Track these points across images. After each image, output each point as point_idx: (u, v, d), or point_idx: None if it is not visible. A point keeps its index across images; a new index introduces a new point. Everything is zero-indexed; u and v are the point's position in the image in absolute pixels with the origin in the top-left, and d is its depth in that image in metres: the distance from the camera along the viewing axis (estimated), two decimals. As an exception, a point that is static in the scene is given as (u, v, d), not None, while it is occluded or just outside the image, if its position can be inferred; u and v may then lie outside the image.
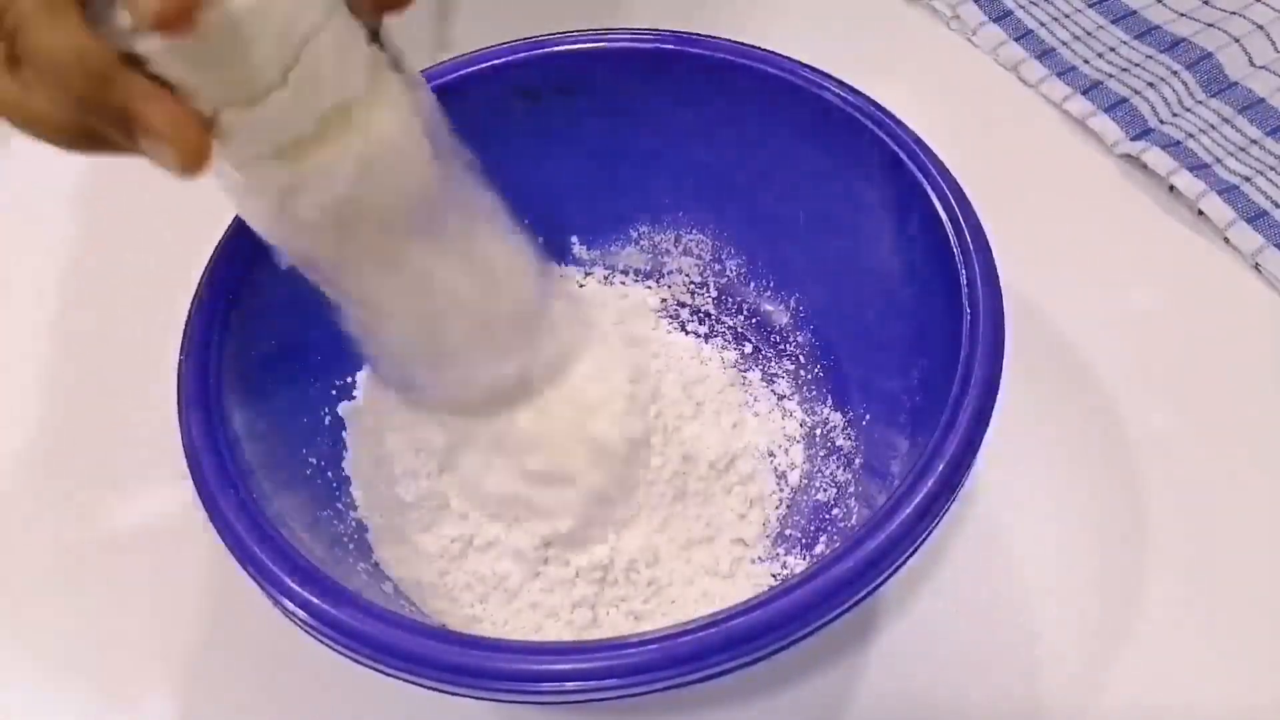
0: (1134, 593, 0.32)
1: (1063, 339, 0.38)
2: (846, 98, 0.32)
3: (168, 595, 0.34)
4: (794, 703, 0.31)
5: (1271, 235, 0.39)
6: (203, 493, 0.26)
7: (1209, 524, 0.34)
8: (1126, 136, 0.42)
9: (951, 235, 0.29)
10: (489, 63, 0.34)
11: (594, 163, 0.36)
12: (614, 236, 0.38)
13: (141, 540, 0.35)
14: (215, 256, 0.30)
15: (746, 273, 0.37)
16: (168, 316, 0.31)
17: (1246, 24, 0.45)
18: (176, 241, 0.36)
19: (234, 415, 0.28)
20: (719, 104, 0.34)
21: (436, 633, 0.24)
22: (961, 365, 0.26)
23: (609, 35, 0.34)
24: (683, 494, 0.32)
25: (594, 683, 0.23)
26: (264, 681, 0.32)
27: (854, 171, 0.32)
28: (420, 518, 0.31)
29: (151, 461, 0.35)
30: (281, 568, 0.24)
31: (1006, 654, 0.31)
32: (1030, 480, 0.35)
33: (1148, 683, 0.31)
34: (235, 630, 0.33)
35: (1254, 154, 0.41)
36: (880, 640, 0.32)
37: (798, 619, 0.23)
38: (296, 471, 0.31)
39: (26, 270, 0.43)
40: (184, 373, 0.28)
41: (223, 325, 0.29)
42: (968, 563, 0.33)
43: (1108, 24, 0.47)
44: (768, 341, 0.37)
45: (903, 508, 0.24)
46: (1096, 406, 0.36)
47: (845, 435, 0.34)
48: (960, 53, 0.47)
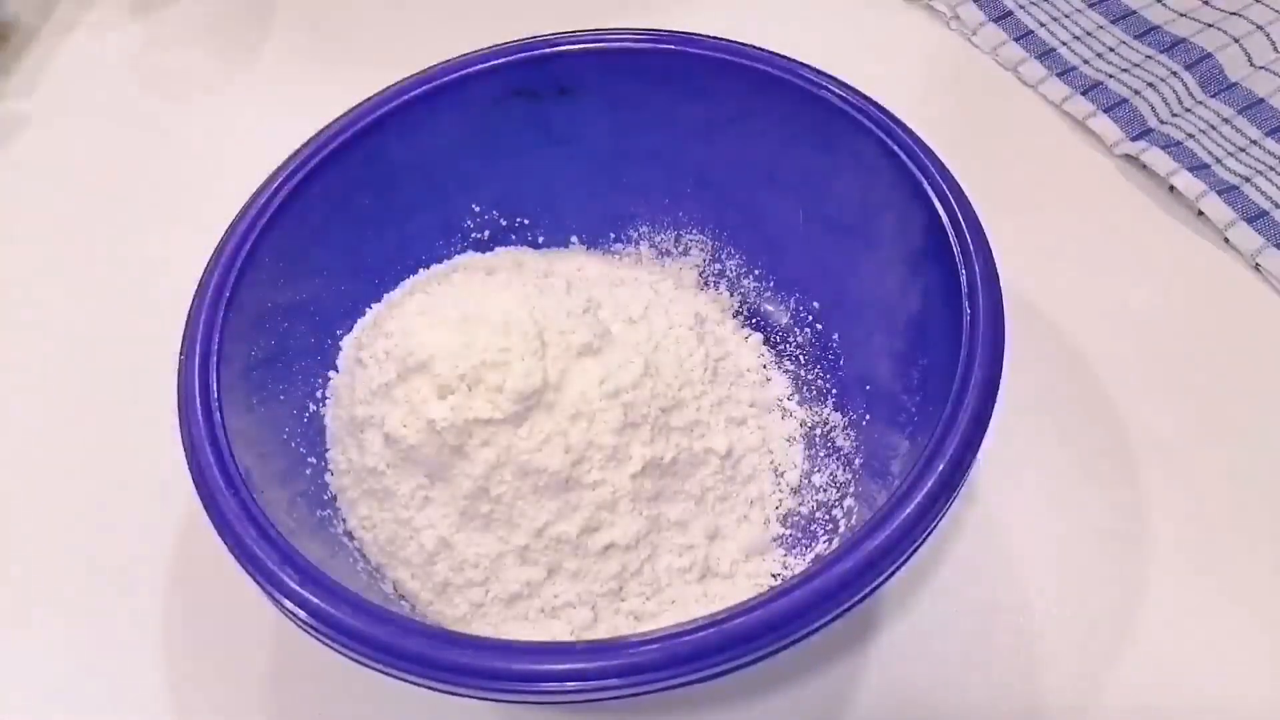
0: (1134, 593, 0.32)
1: (1063, 339, 0.38)
2: (846, 98, 0.32)
3: (167, 595, 0.34)
4: (794, 703, 0.31)
5: (1271, 235, 0.39)
6: (203, 493, 0.26)
7: (1209, 524, 0.34)
8: (1126, 136, 0.42)
9: (951, 235, 0.29)
10: (489, 63, 0.34)
11: (594, 163, 0.36)
12: (614, 236, 0.38)
13: (141, 540, 0.35)
14: (215, 256, 0.30)
15: (746, 273, 0.37)
16: (167, 316, 0.31)
17: (1246, 24, 0.45)
18: (176, 241, 0.36)
19: (233, 415, 0.28)
20: (718, 104, 0.34)
21: (437, 633, 0.24)
22: (961, 365, 0.26)
23: (609, 35, 0.34)
24: (682, 494, 0.32)
25: (594, 683, 0.23)
26: (264, 681, 0.32)
27: (854, 172, 0.32)
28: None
29: (151, 461, 0.35)
30: (281, 568, 0.24)
31: (1006, 654, 0.31)
32: (1030, 480, 0.35)
33: (1148, 683, 0.31)
34: (235, 630, 0.33)
35: (1254, 154, 0.41)
36: (880, 640, 0.32)
37: (798, 619, 0.23)
38: (295, 471, 0.31)
39: (25, 269, 0.43)
40: (184, 373, 0.28)
41: (222, 325, 0.29)
42: (968, 563, 0.33)
43: (1108, 24, 0.47)
44: (767, 341, 0.37)
45: (903, 508, 0.24)
46: (1096, 406, 0.36)
47: (845, 435, 0.34)
48: (960, 53, 0.47)
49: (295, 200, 0.32)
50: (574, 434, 0.29)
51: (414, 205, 0.35)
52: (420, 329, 0.30)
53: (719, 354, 0.34)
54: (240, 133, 0.47)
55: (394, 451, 0.29)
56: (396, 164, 0.34)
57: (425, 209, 0.36)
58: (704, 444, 0.32)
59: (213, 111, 0.48)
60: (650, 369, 0.31)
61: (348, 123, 0.33)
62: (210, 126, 0.48)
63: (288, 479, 0.30)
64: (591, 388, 0.29)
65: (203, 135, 0.47)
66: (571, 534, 0.29)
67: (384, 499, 0.30)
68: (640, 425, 0.30)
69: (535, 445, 0.29)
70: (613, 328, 0.31)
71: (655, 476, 0.30)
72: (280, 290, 0.32)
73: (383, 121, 0.33)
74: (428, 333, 0.29)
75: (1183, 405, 0.36)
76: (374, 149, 0.33)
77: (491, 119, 0.35)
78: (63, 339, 0.41)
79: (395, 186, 0.35)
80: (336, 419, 0.32)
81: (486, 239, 0.37)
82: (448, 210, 0.36)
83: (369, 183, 0.34)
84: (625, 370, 0.30)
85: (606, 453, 0.29)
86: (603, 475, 0.29)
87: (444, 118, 0.34)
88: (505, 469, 0.29)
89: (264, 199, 0.31)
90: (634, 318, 0.32)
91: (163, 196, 0.45)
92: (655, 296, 0.35)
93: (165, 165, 0.46)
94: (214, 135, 0.47)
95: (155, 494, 0.36)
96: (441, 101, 0.34)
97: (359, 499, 0.31)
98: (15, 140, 0.48)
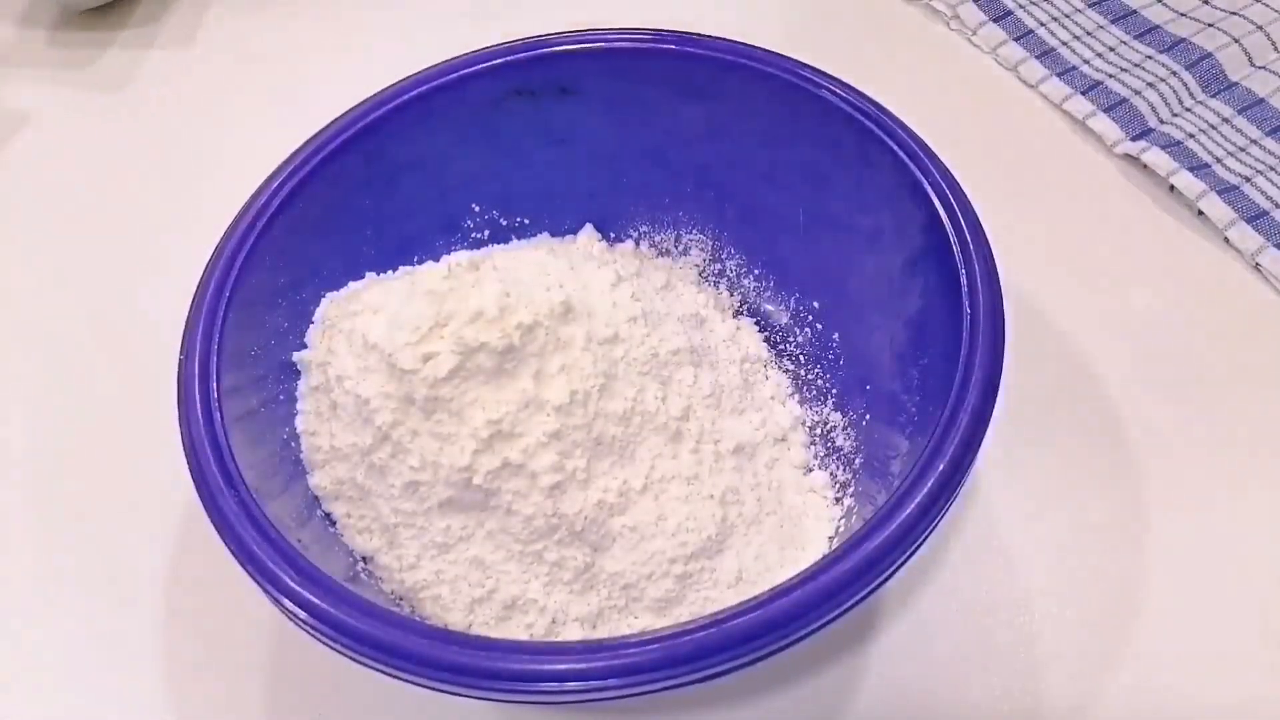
0: (1134, 593, 0.32)
1: (1063, 339, 0.38)
2: (846, 98, 0.32)
3: (167, 595, 0.34)
4: (794, 703, 0.31)
5: (1271, 235, 0.39)
6: (203, 493, 0.26)
7: (1209, 524, 0.34)
8: (1126, 136, 0.42)
9: (951, 235, 0.29)
10: (489, 63, 0.34)
11: (594, 163, 0.36)
12: (614, 237, 0.38)
13: (141, 540, 0.35)
14: (215, 256, 0.30)
15: (746, 272, 0.37)
16: (167, 316, 0.31)
17: (1246, 24, 0.45)
18: (176, 241, 0.36)
19: (233, 415, 0.28)
20: (719, 104, 0.34)
21: (437, 633, 0.24)
22: (961, 365, 0.26)
23: (609, 35, 0.34)
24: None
25: (594, 683, 0.23)
26: (263, 681, 0.32)
27: (854, 171, 0.32)
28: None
29: (151, 461, 0.35)
30: (281, 568, 0.24)
31: (1006, 654, 0.31)
32: (1030, 480, 0.35)
33: (1148, 683, 0.31)
34: (235, 630, 0.33)
35: (1254, 154, 0.41)
36: (880, 640, 0.32)
37: (798, 619, 0.23)
38: (295, 472, 0.31)
39: (25, 269, 0.43)
40: (184, 373, 0.28)
41: (222, 325, 0.29)
42: (968, 563, 0.33)
43: (1108, 24, 0.47)
44: (767, 342, 0.37)
45: (903, 508, 0.24)
46: (1096, 406, 0.36)
47: (845, 435, 0.34)
48: (960, 53, 0.47)
49: (295, 200, 0.32)
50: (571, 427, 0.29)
51: (414, 205, 0.35)
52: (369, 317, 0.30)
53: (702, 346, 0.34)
54: (240, 132, 0.47)
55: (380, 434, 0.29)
56: (396, 164, 0.34)
57: (425, 209, 0.36)
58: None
59: (213, 111, 0.48)
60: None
61: (348, 122, 0.33)
62: (210, 126, 0.48)
63: (288, 479, 0.30)
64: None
65: (203, 135, 0.47)
66: (574, 527, 0.29)
67: (378, 498, 0.30)
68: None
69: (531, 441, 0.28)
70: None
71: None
72: (280, 290, 0.32)
73: (383, 121, 0.33)
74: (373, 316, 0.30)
75: (1183, 405, 0.36)
76: (374, 149, 0.33)
77: (491, 119, 0.35)
78: (63, 339, 0.41)
79: (395, 186, 0.35)
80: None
81: (486, 239, 0.37)
82: (447, 210, 0.36)
83: (369, 183, 0.34)
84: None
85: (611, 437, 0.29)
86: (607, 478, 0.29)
87: (444, 117, 0.34)
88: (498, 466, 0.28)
89: (264, 199, 0.31)
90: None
91: (162, 196, 0.45)
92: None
93: (165, 165, 0.46)
94: (214, 135, 0.47)
95: (155, 494, 0.36)
96: (441, 101, 0.34)
97: (356, 497, 0.31)
98: (15, 140, 0.48)
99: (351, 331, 0.30)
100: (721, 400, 0.33)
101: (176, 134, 0.47)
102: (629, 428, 0.30)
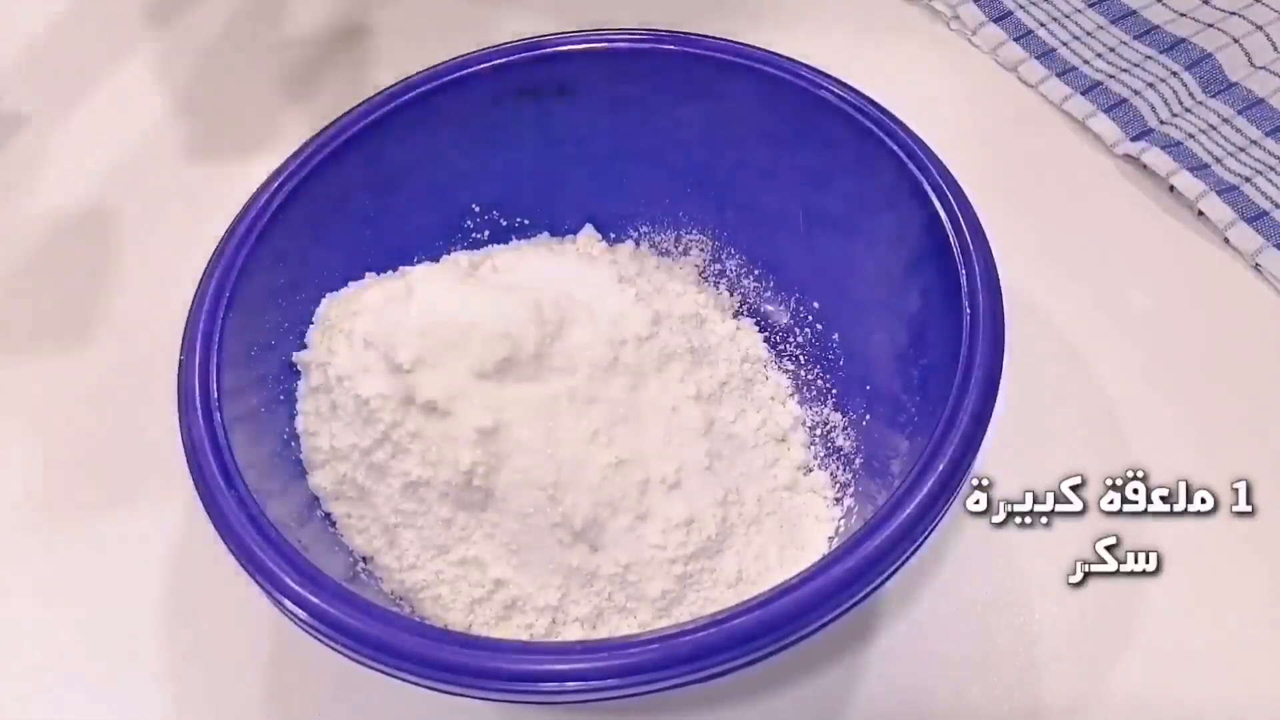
0: (1134, 593, 0.32)
1: (1063, 339, 0.38)
2: (846, 98, 0.32)
3: (167, 595, 0.34)
4: (794, 703, 0.31)
5: (1271, 235, 0.39)
6: (203, 493, 0.26)
7: (1209, 523, 0.33)
8: (1126, 137, 0.42)
9: (951, 235, 0.29)
10: (489, 63, 0.34)
11: (594, 163, 0.36)
12: (614, 236, 0.38)
13: (141, 540, 0.35)
14: (215, 256, 0.30)
15: (746, 273, 0.37)
16: (167, 316, 0.31)
17: (1246, 24, 0.45)
18: (176, 241, 0.36)
19: (233, 415, 0.28)
20: (719, 104, 0.34)
21: (436, 633, 0.24)
22: (961, 365, 0.26)
23: (609, 35, 0.34)
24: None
25: (594, 683, 0.23)
26: (264, 681, 0.32)
27: (854, 171, 0.32)
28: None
29: (151, 462, 0.35)
30: (281, 568, 0.24)
31: (1006, 654, 0.31)
32: (1030, 480, 0.35)
33: (1148, 683, 0.31)
34: (235, 630, 0.33)
35: (1254, 154, 0.41)
36: (880, 640, 0.32)
37: (798, 619, 0.23)
38: (295, 472, 0.31)
39: (25, 269, 0.43)
40: (184, 373, 0.28)
41: (222, 325, 0.29)
42: (968, 563, 0.33)
43: (1108, 24, 0.47)
44: (768, 341, 0.37)
45: (903, 508, 0.24)
46: (1096, 406, 0.36)
47: (845, 435, 0.34)
48: (960, 53, 0.47)
49: (295, 200, 0.32)
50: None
51: (414, 205, 0.35)
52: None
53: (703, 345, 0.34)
54: (240, 132, 0.47)
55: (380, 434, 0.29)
56: (396, 164, 0.34)
57: (425, 209, 0.36)
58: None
59: (213, 111, 0.48)
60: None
61: (348, 123, 0.33)
62: (210, 125, 0.48)
63: (288, 479, 0.30)
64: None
65: (203, 135, 0.47)
66: (574, 527, 0.29)
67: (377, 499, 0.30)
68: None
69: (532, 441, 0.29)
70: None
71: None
72: (280, 290, 0.32)
73: (383, 121, 0.33)
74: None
75: (1182, 405, 0.36)
76: (374, 149, 0.33)
77: (491, 119, 0.35)
78: (62, 339, 0.41)
79: (395, 186, 0.35)
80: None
81: (486, 239, 0.37)
82: (447, 210, 0.36)
83: (369, 183, 0.34)
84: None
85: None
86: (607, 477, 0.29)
87: (444, 117, 0.34)
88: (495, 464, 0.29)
89: (264, 199, 0.31)
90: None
91: (162, 196, 0.45)
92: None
93: (165, 164, 0.46)
94: (214, 134, 0.47)
95: (155, 494, 0.36)
96: (442, 101, 0.34)
97: (356, 498, 0.31)
98: (15, 140, 0.48)
99: (351, 332, 0.30)
100: (722, 401, 0.33)
101: (178, 133, 0.47)
102: (629, 428, 0.30)
